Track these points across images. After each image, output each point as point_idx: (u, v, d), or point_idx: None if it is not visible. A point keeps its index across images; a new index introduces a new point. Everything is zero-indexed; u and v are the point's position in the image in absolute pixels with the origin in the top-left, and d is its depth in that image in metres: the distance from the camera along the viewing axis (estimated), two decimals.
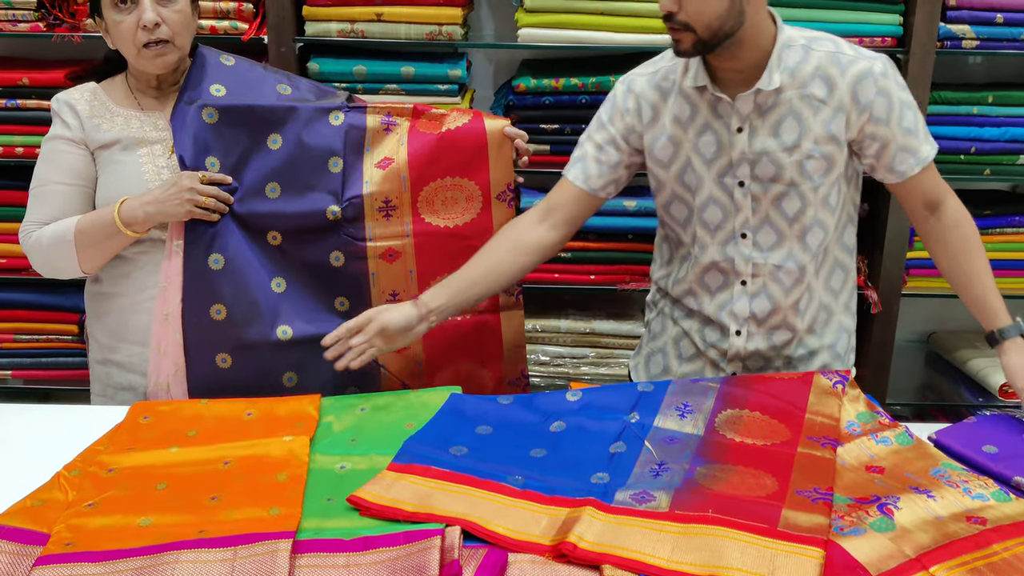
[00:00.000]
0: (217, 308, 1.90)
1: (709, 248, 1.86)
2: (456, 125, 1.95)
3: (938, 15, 2.51)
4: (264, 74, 2.00)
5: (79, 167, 1.89)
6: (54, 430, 1.73)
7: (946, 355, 3.05)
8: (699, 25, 1.62)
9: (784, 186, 1.77)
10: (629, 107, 1.85)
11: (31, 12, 2.58)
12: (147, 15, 1.80)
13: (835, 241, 1.87)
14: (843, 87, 1.73)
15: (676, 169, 1.84)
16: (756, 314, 1.86)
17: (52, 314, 2.83)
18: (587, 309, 2.87)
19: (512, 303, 2.04)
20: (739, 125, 1.76)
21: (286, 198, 1.92)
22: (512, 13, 2.64)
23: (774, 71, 1.71)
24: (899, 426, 1.66)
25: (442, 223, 1.97)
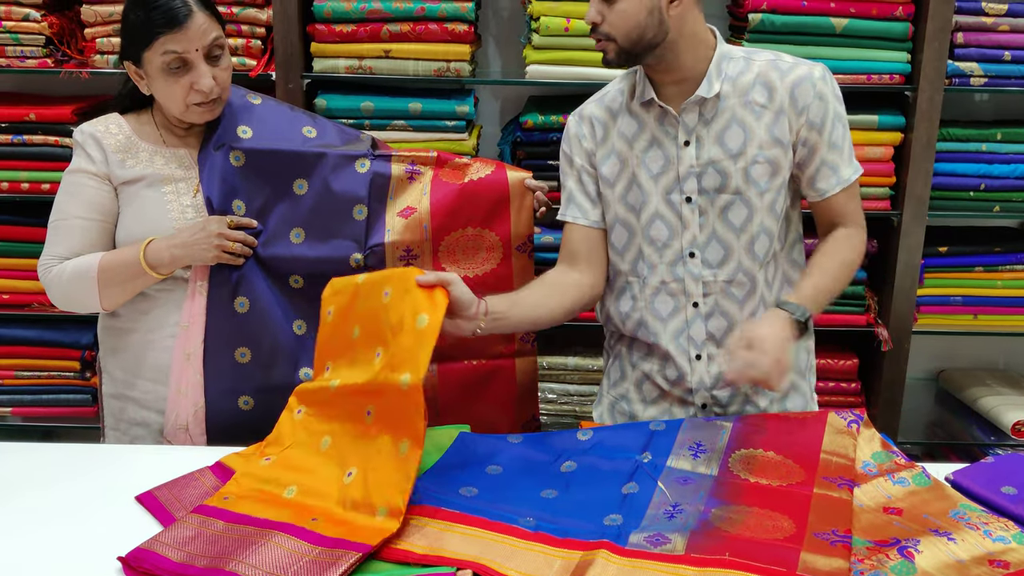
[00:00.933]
0: (242, 351, 1.90)
1: (658, 268, 1.84)
2: (479, 176, 1.96)
3: (946, 52, 2.52)
4: (290, 115, 2.00)
5: (101, 202, 1.87)
6: (57, 468, 1.70)
7: (956, 393, 3.03)
8: (620, 35, 1.69)
9: (730, 195, 1.78)
10: (584, 132, 1.88)
11: (39, 48, 2.59)
12: (206, 81, 1.80)
13: (784, 256, 1.86)
14: (782, 90, 1.75)
15: (621, 188, 1.84)
16: (713, 334, 1.84)
17: (54, 350, 2.81)
18: (595, 346, 2.84)
19: (527, 349, 2.05)
20: (686, 139, 1.78)
21: (310, 243, 1.92)
22: (519, 50, 2.64)
23: (714, 80, 1.75)
24: (916, 466, 1.64)
25: (462, 272, 1.97)
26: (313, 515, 1.45)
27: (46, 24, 2.56)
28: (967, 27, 2.56)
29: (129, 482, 1.60)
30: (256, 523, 1.43)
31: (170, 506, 1.52)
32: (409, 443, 1.47)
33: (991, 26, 2.56)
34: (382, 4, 2.52)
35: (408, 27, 2.53)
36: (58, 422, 2.87)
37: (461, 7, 2.52)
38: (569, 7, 2.52)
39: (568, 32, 2.53)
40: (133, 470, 1.67)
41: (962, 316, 2.81)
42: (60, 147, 2.64)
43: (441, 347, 1.94)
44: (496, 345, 2.01)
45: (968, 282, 2.78)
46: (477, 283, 1.96)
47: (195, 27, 1.78)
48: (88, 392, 2.82)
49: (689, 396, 1.88)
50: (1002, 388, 2.93)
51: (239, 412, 1.91)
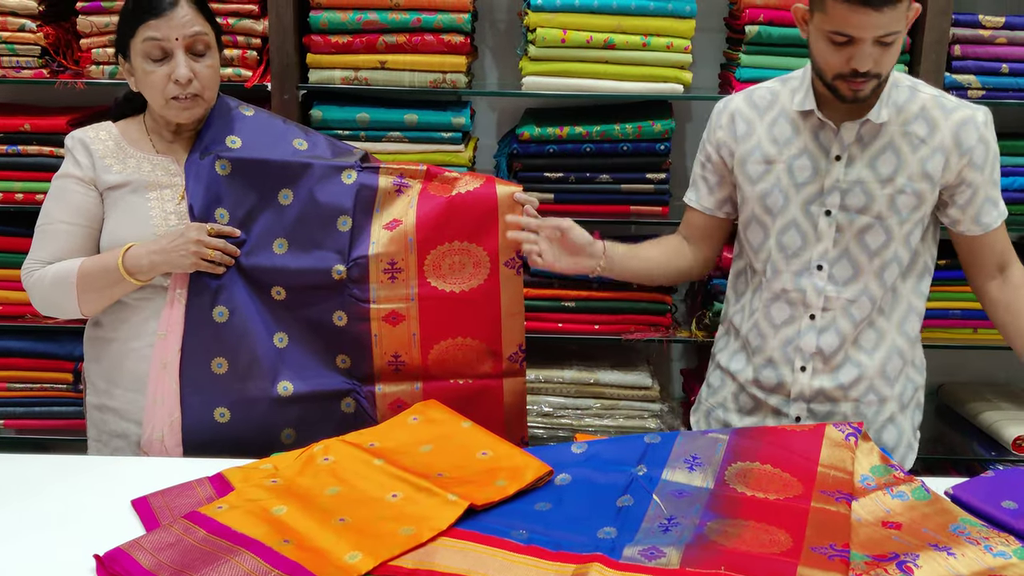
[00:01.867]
0: (219, 361, 1.88)
1: (782, 275, 1.85)
2: (467, 189, 1.93)
3: (943, 65, 2.51)
4: (282, 127, 1.99)
5: (86, 207, 1.87)
6: (47, 481, 1.68)
7: (957, 407, 3.00)
8: (884, 72, 1.70)
9: (871, 218, 1.79)
10: (723, 123, 1.91)
11: (35, 59, 2.58)
12: (181, 71, 1.80)
13: (911, 286, 1.87)
14: (945, 129, 1.77)
15: (762, 188, 1.86)
16: (823, 349, 1.85)
17: (46, 362, 2.79)
18: (592, 359, 2.83)
19: (515, 369, 2.00)
20: (838, 153, 1.79)
21: (293, 254, 1.90)
22: (516, 61, 2.64)
23: (884, 105, 1.77)
24: (915, 480, 1.62)
25: (448, 288, 1.94)
26: (288, 536, 1.42)
27: (42, 35, 2.56)
28: (964, 40, 2.56)
29: (119, 491, 1.59)
30: (233, 537, 1.41)
31: (160, 513, 1.51)
32: (415, 531, 1.44)
33: (988, 39, 2.56)
34: (378, 15, 2.52)
35: (404, 38, 2.53)
36: (51, 434, 2.84)
37: (457, 18, 2.51)
38: (566, 19, 2.52)
39: (565, 44, 2.52)
40: (123, 480, 1.65)
41: (962, 330, 2.80)
42: (55, 157, 2.63)
43: (425, 366, 1.93)
44: (483, 364, 1.98)
45: (968, 295, 2.72)
46: (463, 299, 1.94)
47: (177, 17, 1.80)
48: (80, 404, 2.79)
49: (785, 406, 1.90)
50: (1002, 403, 2.91)
51: (215, 425, 1.88)
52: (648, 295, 2.71)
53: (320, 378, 1.92)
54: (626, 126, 2.60)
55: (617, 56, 2.54)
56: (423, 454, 1.69)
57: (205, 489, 1.60)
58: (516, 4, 2.83)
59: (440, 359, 1.95)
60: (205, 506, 1.51)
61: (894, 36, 1.65)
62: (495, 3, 2.86)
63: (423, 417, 1.81)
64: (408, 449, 1.70)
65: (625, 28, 2.52)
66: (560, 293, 2.71)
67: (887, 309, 1.86)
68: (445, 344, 1.95)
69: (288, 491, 1.56)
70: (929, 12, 2.46)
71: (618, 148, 2.63)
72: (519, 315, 1.97)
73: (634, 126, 2.60)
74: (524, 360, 2.01)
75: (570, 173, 2.65)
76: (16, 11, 2.54)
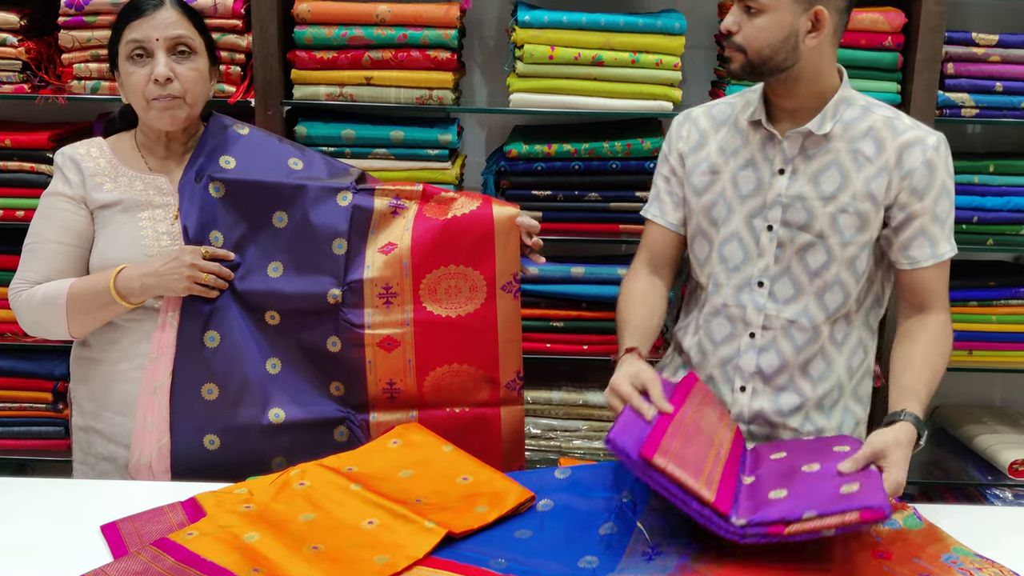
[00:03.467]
0: (209, 387, 1.84)
1: (723, 289, 1.83)
2: (463, 212, 1.89)
3: (937, 83, 2.49)
4: (277, 146, 1.96)
5: (76, 226, 1.84)
6: (19, 505, 1.65)
7: (952, 430, 2.97)
8: (751, 49, 1.69)
9: (812, 236, 1.76)
10: (682, 134, 1.90)
11: (16, 73, 2.55)
12: (159, 68, 1.78)
13: (860, 318, 1.83)
14: (891, 148, 1.73)
15: (707, 199, 1.84)
16: (763, 370, 1.81)
17: (27, 381, 2.73)
18: (581, 380, 2.79)
19: (513, 397, 1.96)
20: (781, 167, 1.77)
21: (288, 278, 1.87)
22: (504, 78, 2.62)
23: (828, 118, 1.74)
24: (907, 507, 1.59)
25: (444, 312, 1.90)
26: (258, 564, 1.39)
27: (23, 49, 2.53)
28: (957, 57, 2.53)
29: (95, 516, 1.56)
30: (202, 566, 1.37)
31: (128, 539, 1.48)
32: (390, 559, 1.40)
33: (982, 56, 2.54)
34: (364, 31, 2.49)
35: (390, 54, 2.50)
36: (31, 455, 2.79)
37: (444, 34, 2.49)
38: (553, 35, 2.49)
39: (553, 60, 2.50)
40: (99, 504, 1.62)
41: (957, 352, 2.74)
42: (36, 173, 2.60)
43: (421, 394, 1.89)
44: (480, 392, 1.93)
45: (963, 317, 2.72)
46: (460, 324, 1.90)
47: (160, 18, 1.79)
48: (61, 424, 2.75)
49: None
50: (998, 426, 2.87)
51: (205, 452, 1.84)
52: None
53: (313, 405, 1.88)
54: (615, 144, 2.57)
55: (606, 73, 2.52)
56: (402, 479, 1.65)
57: (176, 514, 1.56)
58: (504, 20, 2.81)
59: (436, 386, 1.91)
60: (175, 532, 1.47)
61: (755, 5, 1.66)
62: (483, 19, 2.84)
63: (404, 441, 1.77)
64: (387, 474, 1.66)
65: (614, 45, 2.50)
66: (548, 313, 2.67)
67: (840, 341, 1.81)
68: (441, 371, 1.91)
69: (261, 517, 1.52)
70: (922, 29, 2.44)
71: (607, 166, 2.60)
72: (516, 340, 1.93)
73: (623, 144, 2.57)
74: (521, 388, 1.97)
75: (558, 191, 2.61)
76: None
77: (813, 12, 1.67)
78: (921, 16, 2.44)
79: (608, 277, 2.64)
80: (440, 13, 2.48)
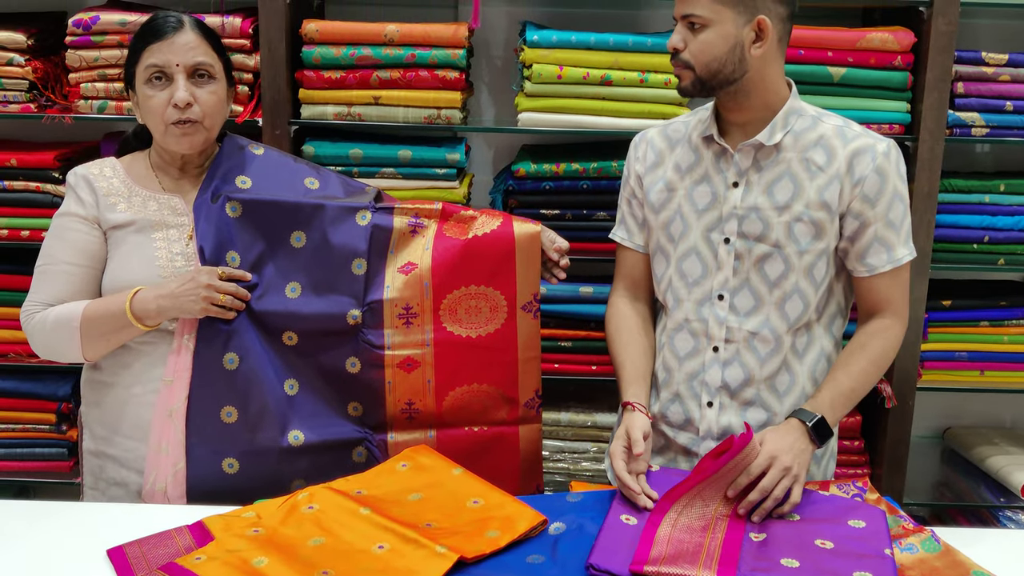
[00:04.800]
0: (228, 410, 1.81)
1: (684, 304, 1.82)
2: (484, 231, 1.88)
3: (947, 102, 2.48)
4: (293, 166, 1.95)
5: (89, 247, 1.81)
6: (23, 528, 1.63)
7: (963, 452, 2.93)
8: (699, 65, 1.70)
9: (769, 247, 1.76)
10: (638, 155, 1.91)
11: (23, 93, 2.54)
12: (180, 93, 1.76)
13: (823, 328, 1.82)
14: (841, 157, 1.73)
15: (665, 216, 1.84)
16: (729, 384, 1.80)
17: (29, 402, 2.71)
18: (589, 401, 2.77)
19: (531, 416, 1.94)
20: (735, 180, 1.77)
21: (307, 298, 1.85)
22: (511, 97, 2.61)
23: (777, 129, 1.75)
24: (924, 531, 1.57)
25: (464, 333, 1.88)
26: None
27: (30, 69, 2.52)
28: (967, 77, 2.53)
29: (101, 540, 1.54)
30: None
31: (135, 564, 1.46)
32: None
33: (992, 76, 2.53)
34: (372, 51, 2.49)
35: (398, 74, 2.49)
36: (33, 476, 2.77)
37: (452, 54, 2.48)
38: (562, 55, 2.49)
39: (561, 80, 2.49)
40: (106, 528, 1.60)
41: (968, 372, 2.74)
42: (41, 193, 2.59)
43: (439, 414, 1.87)
44: (498, 411, 1.92)
45: (974, 337, 2.71)
46: (480, 344, 1.88)
47: (180, 42, 1.77)
48: (64, 446, 2.73)
49: (695, 444, 1.84)
50: (1010, 447, 2.84)
51: (223, 476, 1.81)
52: None
53: (331, 427, 1.86)
54: (623, 163, 2.55)
55: (614, 92, 2.51)
56: (412, 503, 1.62)
57: (184, 538, 1.54)
58: (512, 40, 2.81)
59: (455, 406, 1.89)
60: (183, 557, 1.45)
61: (698, 20, 1.68)
62: (490, 39, 2.83)
63: (413, 463, 1.75)
64: (396, 497, 1.64)
65: (622, 64, 2.49)
66: (557, 333, 2.65)
67: (801, 351, 1.81)
68: (460, 391, 1.89)
69: (270, 541, 1.50)
70: (932, 49, 2.44)
71: (615, 185, 2.56)
72: (536, 359, 1.92)
73: None
74: (540, 407, 1.95)
75: (567, 210, 2.60)
76: (5, 45, 2.51)
77: (756, 22, 1.68)
78: (931, 35, 2.43)
79: None
80: (448, 33, 2.47)
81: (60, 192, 2.57)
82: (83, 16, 2.47)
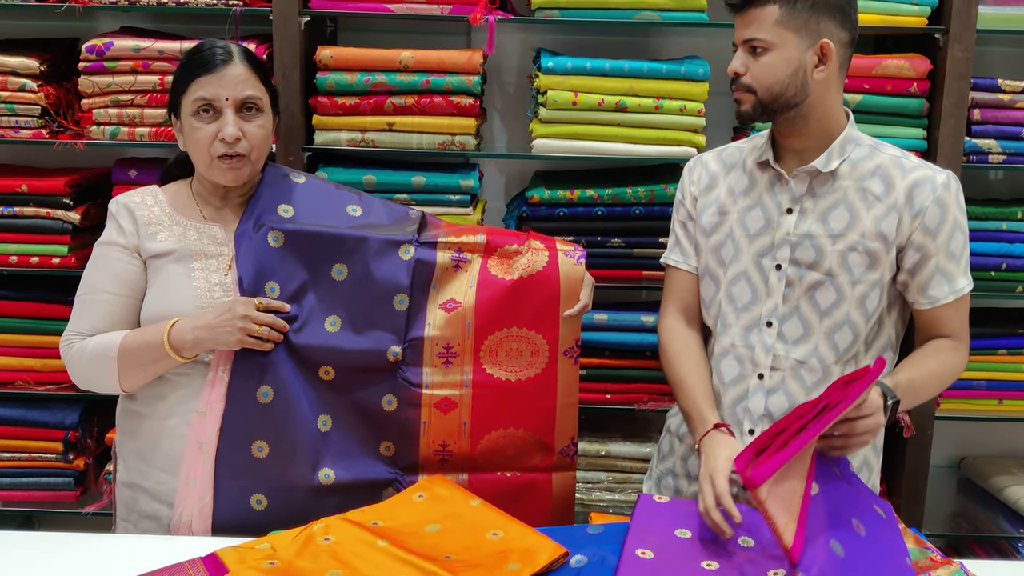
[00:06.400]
0: (259, 444, 1.77)
1: (732, 329, 1.80)
2: (529, 273, 1.84)
3: (963, 129, 2.47)
4: (335, 193, 1.92)
5: (130, 277, 1.78)
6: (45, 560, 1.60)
7: (980, 481, 2.90)
8: (761, 88, 1.70)
9: (821, 275, 1.74)
10: (693, 178, 1.90)
11: (35, 119, 2.53)
12: (229, 129, 1.73)
13: (871, 360, 1.78)
14: (900, 188, 1.72)
15: (716, 239, 1.83)
16: (772, 412, 1.77)
17: (35, 430, 2.68)
18: (602, 430, 2.74)
19: (566, 463, 1.89)
20: (789, 206, 1.76)
21: (346, 333, 1.81)
22: (525, 125, 2.60)
23: (834, 156, 1.74)
24: (953, 563, 1.54)
25: (504, 376, 1.84)
26: None
27: (42, 95, 2.51)
28: (983, 104, 2.52)
29: (111, 572, 1.52)
30: None
31: None
32: None
33: (1008, 103, 2.52)
34: (386, 77, 2.48)
35: (413, 100, 2.49)
36: (39, 506, 2.73)
37: (467, 80, 2.48)
38: (577, 81, 2.48)
39: (576, 106, 2.48)
40: (121, 560, 1.57)
41: (987, 401, 2.71)
42: (52, 219, 2.57)
43: (473, 457, 1.84)
44: (533, 457, 1.87)
45: (992, 365, 2.68)
46: (519, 388, 1.84)
47: (230, 75, 1.74)
48: (71, 475, 2.70)
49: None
50: None
51: (250, 512, 1.76)
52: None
53: (363, 466, 1.82)
54: (638, 189, 2.55)
55: (629, 119, 2.50)
56: (430, 534, 1.59)
57: (197, 571, 1.51)
58: (525, 66, 2.80)
59: (489, 450, 1.85)
60: None
61: (760, 44, 1.68)
62: (503, 65, 2.83)
63: (429, 494, 1.72)
64: (414, 529, 1.60)
65: (637, 91, 2.49)
66: None
67: None
68: (496, 435, 1.85)
69: (286, 574, 1.46)
70: (948, 76, 2.43)
71: (630, 212, 2.57)
72: (573, 406, 1.88)
73: (646, 189, 2.55)
74: (575, 454, 1.91)
75: (581, 237, 2.58)
76: (17, 71, 2.51)
77: (819, 46, 1.68)
78: (947, 63, 2.43)
79: (631, 324, 2.60)
80: (463, 59, 2.47)
81: (71, 219, 2.56)
82: (96, 42, 2.47)
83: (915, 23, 2.49)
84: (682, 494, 1.88)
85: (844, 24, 1.70)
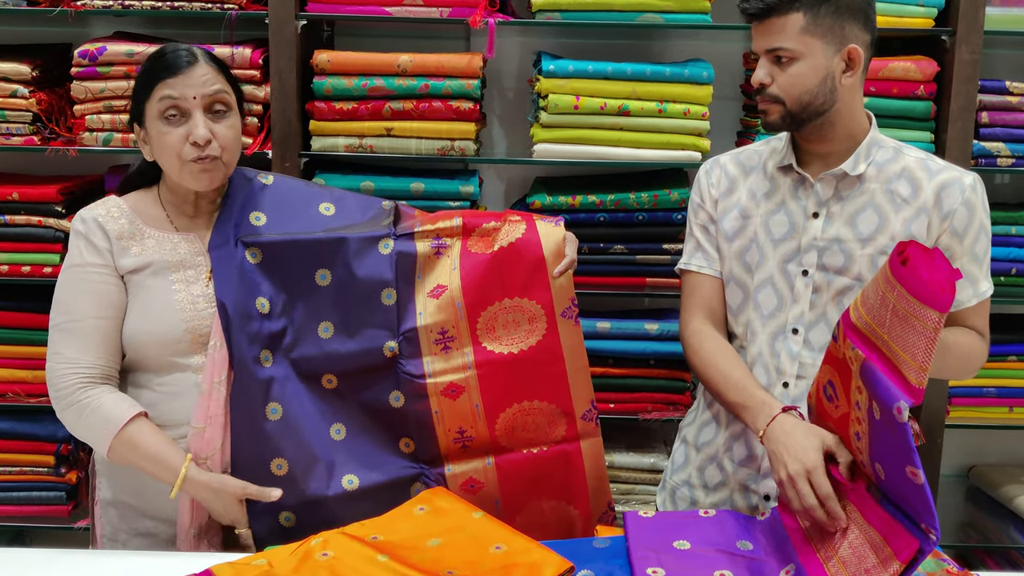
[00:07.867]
0: (278, 463, 1.74)
1: (759, 337, 1.76)
2: (509, 241, 1.80)
3: (971, 132, 2.45)
4: (305, 192, 1.88)
5: (113, 298, 1.72)
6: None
7: (989, 491, 2.86)
8: (790, 99, 1.67)
9: (850, 280, 1.71)
10: (712, 180, 1.85)
11: (26, 125, 2.49)
12: (199, 131, 1.68)
13: None
14: (928, 190, 1.69)
15: (739, 245, 1.79)
16: None
17: (26, 443, 2.64)
18: (606, 440, 2.64)
19: (590, 429, 1.83)
20: (815, 210, 1.73)
21: (340, 337, 1.78)
22: (524, 129, 2.57)
23: (861, 159, 1.71)
24: (969, 575, 1.49)
25: (506, 350, 1.80)
26: None
27: (34, 101, 2.48)
28: (991, 106, 2.50)
29: None
30: None
31: None
32: None
33: (1016, 105, 2.50)
34: (384, 81, 2.44)
35: (411, 105, 2.45)
36: (29, 522, 2.68)
37: (467, 84, 2.44)
38: (578, 85, 2.45)
39: (578, 110, 2.45)
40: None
41: (996, 409, 2.68)
42: (44, 228, 2.53)
43: (493, 439, 1.80)
44: (556, 428, 1.81)
45: (1001, 372, 2.66)
46: (524, 359, 1.79)
47: (196, 75, 1.69)
48: (63, 489, 2.65)
49: (754, 482, 1.77)
50: None
51: (281, 529, 1.73)
52: (666, 372, 2.60)
53: (385, 466, 1.79)
54: (641, 195, 2.51)
55: (632, 123, 2.47)
56: (431, 548, 1.54)
57: None
58: (525, 70, 2.77)
59: (509, 428, 1.80)
60: None
61: (786, 53, 1.64)
62: (502, 70, 2.80)
63: (430, 507, 1.67)
64: (415, 543, 1.56)
65: (640, 94, 2.46)
66: None
67: None
68: (511, 411, 1.80)
69: None
70: (956, 79, 2.41)
71: (633, 217, 2.53)
72: (584, 369, 1.82)
73: (650, 195, 2.51)
74: (598, 418, 1.84)
75: (583, 243, 2.52)
76: (9, 77, 2.47)
77: (847, 51, 1.64)
78: (954, 65, 2.41)
79: (635, 332, 2.56)
80: (463, 63, 2.44)
81: (63, 227, 2.51)
82: (89, 47, 2.43)
83: (921, 24, 2.46)
84: (699, 505, 1.84)
85: (867, 27, 1.67)
